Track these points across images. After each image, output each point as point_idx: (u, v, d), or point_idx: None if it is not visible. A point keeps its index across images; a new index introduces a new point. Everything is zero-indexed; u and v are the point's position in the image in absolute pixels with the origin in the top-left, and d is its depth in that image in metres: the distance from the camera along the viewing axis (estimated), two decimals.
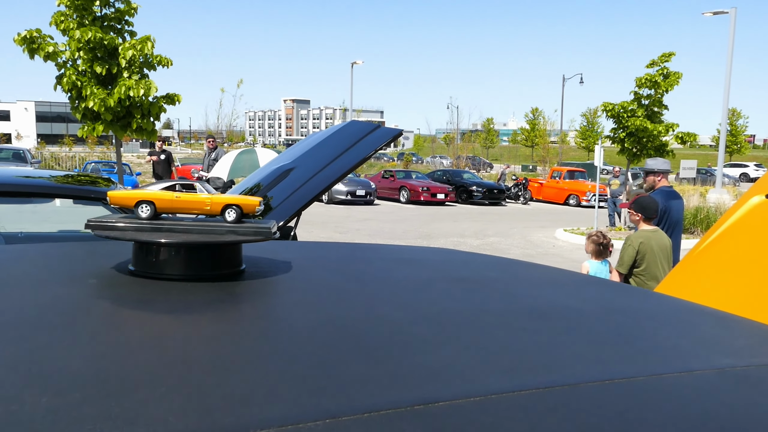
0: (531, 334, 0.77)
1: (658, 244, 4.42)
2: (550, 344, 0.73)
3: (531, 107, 73.46)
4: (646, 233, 4.47)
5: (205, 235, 0.95)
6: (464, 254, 1.46)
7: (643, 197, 4.64)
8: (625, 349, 0.74)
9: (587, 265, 4.95)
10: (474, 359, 0.65)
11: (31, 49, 8.26)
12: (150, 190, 1.03)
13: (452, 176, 25.59)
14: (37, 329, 0.68)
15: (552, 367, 0.65)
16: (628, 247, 4.44)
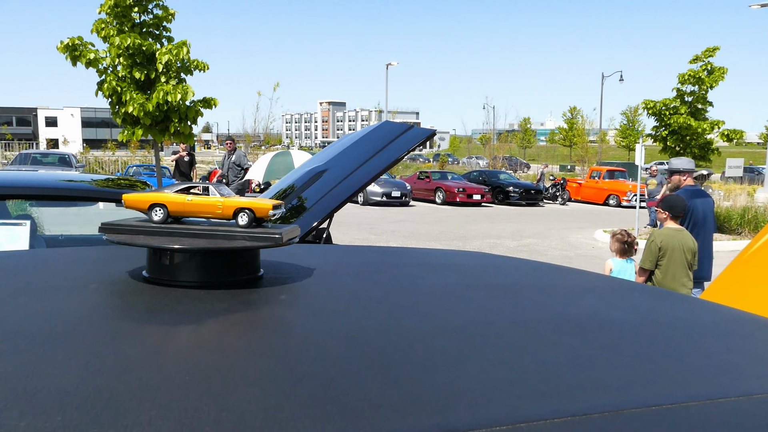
0: (567, 350, 0.69)
1: (681, 244, 4.40)
2: (588, 362, 0.65)
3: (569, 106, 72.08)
4: (671, 231, 4.46)
5: (213, 240, 0.91)
6: (496, 258, 1.39)
7: (671, 195, 4.65)
8: (674, 367, 0.66)
9: (610, 262, 4.94)
10: (502, 379, 0.59)
11: (73, 57, 8.48)
12: (162, 193, 0.99)
13: (488, 177, 25.31)
14: (32, 340, 0.64)
15: (590, 389, 0.58)
16: (651, 243, 4.43)
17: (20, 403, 0.49)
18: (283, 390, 0.54)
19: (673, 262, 4.39)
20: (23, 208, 6.54)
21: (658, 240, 4.41)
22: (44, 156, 19.96)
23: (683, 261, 4.40)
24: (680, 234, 4.47)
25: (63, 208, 5.80)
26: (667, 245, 4.39)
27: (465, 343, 0.70)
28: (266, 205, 0.93)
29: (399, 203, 21.65)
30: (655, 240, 4.43)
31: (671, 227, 4.50)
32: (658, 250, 4.40)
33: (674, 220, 4.52)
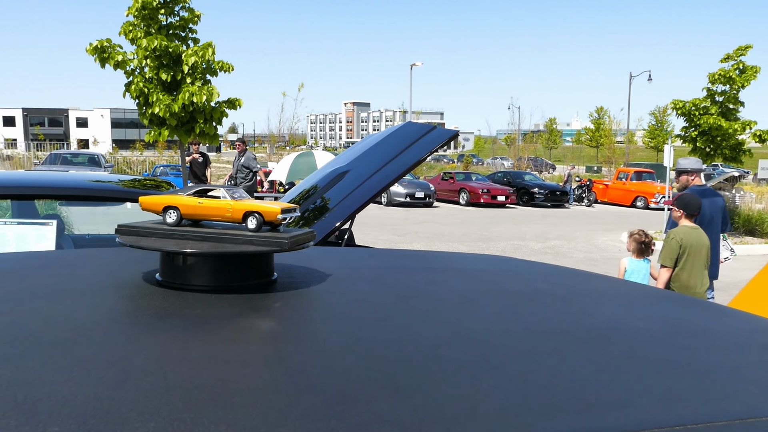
0: (584, 362, 0.66)
1: (698, 242, 4.44)
2: (607, 375, 0.62)
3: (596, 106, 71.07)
4: (688, 229, 4.48)
5: (216, 244, 0.89)
6: (516, 263, 1.35)
7: (685, 194, 4.65)
8: (700, 383, 0.62)
9: (625, 261, 4.97)
10: (514, 393, 0.56)
11: (102, 59, 8.62)
12: (176, 195, 0.98)
13: (513, 178, 25.09)
14: (39, 346, 0.63)
15: (608, 405, 0.55)
16: (671, 241, 4.43)
17: (19, 412, 0.48)
18: (286, 402, 0.52)
19: (693, 259, 4.41)
20: (52, 207, 6.68)
21: (678, 238, 4.41)
22: (74, 156, 20.36)
23: (702, 258, 4.43)
24: (696, 232, 4.49)
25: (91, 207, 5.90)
26: (687, 243, 4.40)
27: (477, 353, 0.67)
28: (275, 209, 0.91)
29: (423, 204, 21.58)
30: (675, 238, 4.42)
31: (687, 225, 4.52)
32: (678, 248, 4.41)
33: (689, 219, 4.54)
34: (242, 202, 0.93)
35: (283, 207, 0.92)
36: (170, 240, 0.91)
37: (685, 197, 4.57)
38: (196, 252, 0.86)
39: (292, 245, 0.88)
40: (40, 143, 49.10)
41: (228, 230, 0.92)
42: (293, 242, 0.88)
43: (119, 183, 3.68)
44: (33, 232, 3.21)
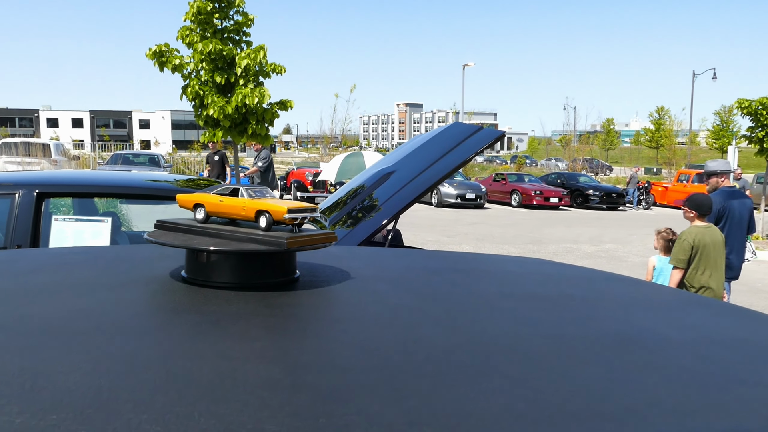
0: (601, 370, 0.63)
1: (712, 240, 4.50)
2: (619, 384, 0.60)
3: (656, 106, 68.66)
4: (700, 229, 4.54)
5: (225, 241, 0.91)
6: (551, 265, 1.32)
7: (697, 195, 4.71)
8: (728, 397, 0.59)
9: (654, 259, 5.13)
10: (518, 400, 0.54)
11: (160, 62, 8.92)
12: (203, 193, 1.01)
13: (567, 179, 24.56)
14: (55, 337, 0.66)
15: (621, 416, 0.52)
16: (683, 242, 4.51)
17: (22, 400, 0.50)
18: (279, 399, 0.52)
19: (706, 258, 4.47)
20: (112, 205, 6.95)
21: (690, 238, 4.47)
22: (135, 156, 21.16)
23: (716, 256, 4.49)
24: (710, 230, 4.55)
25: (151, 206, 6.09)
26: (699, 242, 4.46)
27: (487, 357, 0.65)
28: (282, 208, 0.92)
29: (473, 205, 21.39)
30: (687, 238, 4.48)
31: (700, 225, 4.58)
32: (691, 248, 4.46)
33: (701, 219, 4.60)
34: (256, 201, 0.94)
35: (291, 207, 0.92)
36: (186, 236, 0.94)
37: (697, 198, 4.64)
38: (200, 248, 0.88)
39: (291, 245, 0.88)
40: (105, 144, 51.35)
41: (242, 229, 0.94)
42: (292, 242, 0.88)
43: (175, 183, 3.81)
44: (89, 229, 3.35)
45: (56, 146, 20.17)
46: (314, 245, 0.93)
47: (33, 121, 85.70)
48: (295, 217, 0.93)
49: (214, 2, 9.00)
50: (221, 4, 9.11)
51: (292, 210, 0.92)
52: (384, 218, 3.86)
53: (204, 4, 8.89)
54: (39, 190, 3.24)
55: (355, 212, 4.23)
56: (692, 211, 4.60)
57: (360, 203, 4.34)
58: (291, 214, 0.92)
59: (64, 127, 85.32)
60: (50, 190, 3.30)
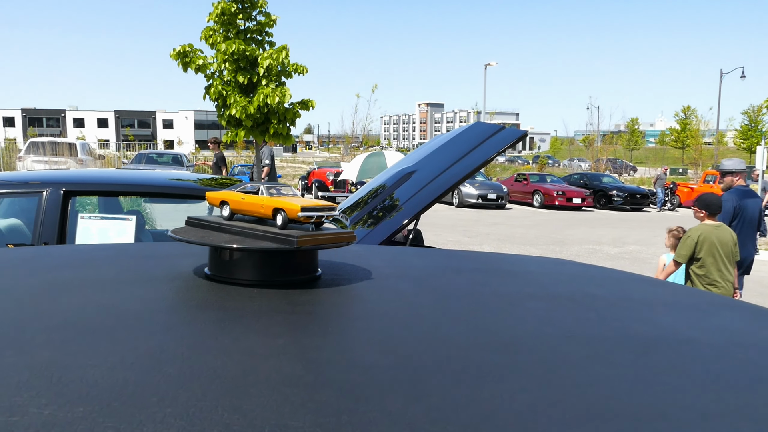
0: (623, 370, 0.63)
1: (718, 239, 4.58)
2: (645, 385, 0.59)
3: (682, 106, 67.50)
4: (707, 227, 4.64)
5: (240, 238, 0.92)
6: (573, 266, 1.30)
7: (706, 194, 4.81)
8: (754, 400, 0.58)
9: (664, 257, 5.30)
10: (539, 400, 0.54)
11: (184, 63, 9.04)
12: (228, 191, 1.03)
13: (590, 180, 24.29)
14: (82, 332, 0.67)
15: (643, 417, 0.51)
16: (687, 238, 4.65)
17: (50, 393, 0.51)
18: (301, 396, 0.52)
19: (711, 255, 4.59)
20: (137, 203, 7.04)
21: (694, 235, 4.62)
22: (159, 156, 21.45)
23: (722, 254, 4.58)
24: (718, 229, 4.63)
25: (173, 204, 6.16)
26: (704, 240, 4.58)
27: (508, 357, 0.65)
28: (296, 206, 0.92)
29: (495, 206, 21.28)
30: (692, 235, 4.63)
31: (709, 224, 4.68)
32: (694, 245, 4.60)
33: (711, 218, 4.72)
34: (273, 199, 0.95)
35: (305, 205, 0.92)
36: (207, 233, 0.95)
37: (706, 198, 4.76)
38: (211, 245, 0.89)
39: (302, 244, 0.87)
40: (130, 143, 52.13)
41: (261, 226, 0.94)
42: (303, 241, 0.87)
43: (198, 182, 3.85)
44: (114, 227, 3.41)
45: (82, 146, 20.52)
46: (329, 244, 0.92)
47: (60, 121, 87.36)
48: (310, 216, 0.92)
49: (237, 3, 9.07)
50: (245, 4, 9.19)
51: (306, 208, 0.92)
52: (405, 218, 3.86)
53: (228, 5, 8.98)
54: (66, 188, 3.30)
55: (376, 212, 4.23)
56: (701, 210, 4.72)
57: (381, 203, 4.35)
58: (305, 212, 0.92)
59: (90, 127, 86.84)
60: (76, 189, 3.36)
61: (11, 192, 3.27)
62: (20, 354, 0.60)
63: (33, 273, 0.97)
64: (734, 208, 5.29)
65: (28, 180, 3.38)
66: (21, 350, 0.61)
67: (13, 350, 0.61)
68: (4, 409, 0.48)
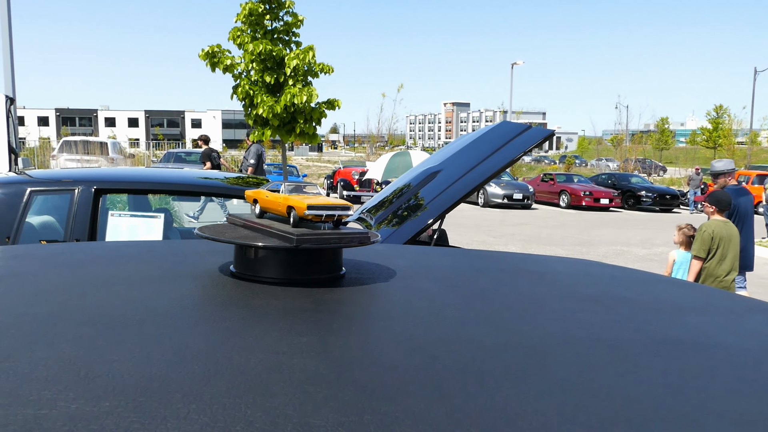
0: (652, 374, 0.61)
1: (728, 234, 4.88)
2: (674, 390, 0.57)
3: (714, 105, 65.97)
4: (719, 223, 4.90)
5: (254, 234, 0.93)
6: (600, 267, 1.28)
7: (716, 191, 5.11)
8: None
9: (674, 254, 5.46)
10: (565, 403, 0.53)
11: (212, 63, 9.14)
12: (260, 190, 1.05)
13: (618, 180, 23.93)
14: (110, 327, 0.68)
15: (672, 421, 0.50)
16: (704, 233, 4.87)
17: (78, 387, 0.52)
18: (324, 395, 0.52)
19: (724, 250, 4.83)
20: (166, 201, 7.10)
21: (710, 230, 4.84)
22: (187, 155, 21.74)
23: (732, 250, 4.85)
24: (728, 225, 4.92)
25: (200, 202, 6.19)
26: (719, 235, 4.82)
27: (534, 359, 0.64)
28: (302, 204, 0.92)
29: (521, 206, 21.10)
30: (707, 230, 4.85)
31: (719, 219, 4.94)
32: (710, 240, 4.82)
33: (720, 213, 4.97)
34: (287, 197, 0.96)
35: (311, 203, 0.91)
36: (232, 230, 0.96)
37: (717, 194, 5.03)
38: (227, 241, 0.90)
39: (300, 242, 0.86)
40: (159, 143, 53.01)
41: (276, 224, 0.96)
42: (302, 239, 0.87)
43: (225, 180, 3.89)
44: (143, 224, 3.46)
45: (113, 145, 20.93)
46: (335, 244, 0.91)
47: (92, 120, 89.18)
48: (319, 214, 0.92)
49: (265, 3, 9.15)
50: (272, 5, 9.26)
51: (313, 206, 0.91)
52: (429, 218, 3.85)
53: (255, 6, 9.06)
54: (97, 186, 3.36)
55: (401, 211, 4.23)
56: (712, 206, 4.99)
57: (406, 202, 4.34)
58: (311, 210, 0.91)
59: (120, 126, 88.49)
60: (107, 187, 3.42)
61: (45, 190, 3.35)
62: (50, 349, 0.61)
63: (64, 269, 0.99)
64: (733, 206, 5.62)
65: (61, 178, 3.46)
66: (51, 345, 0.62)
67: (43, 345, 0.62)
68: (33, 402, 0.49)
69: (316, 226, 0.94)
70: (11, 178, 3.45)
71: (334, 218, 0.94)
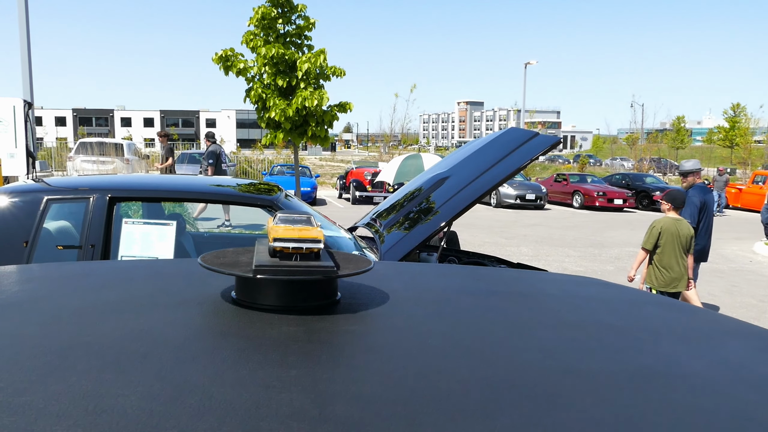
0: (615, 407, 0.66)
1: (678, 230, 5.42)
2: (629, 424, 0.62)
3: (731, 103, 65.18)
4: (670, 219, 5.46)
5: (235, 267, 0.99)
6: (594, 287, 1.33)
7: (672, 190, 5.66)
8: None
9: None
10: None
11: (225, 67, 9.25)
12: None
13: (632, 180, 23.78)
14: (116, 358, 0.74)
15: None
16: (653, 229, 5.49)
17: (86, 422, 0.58)
18: (306, 430, 0.58)
19: (670, 244, 5.43)
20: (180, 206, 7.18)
21: (658, 226, 5.46)
22: (201, 155, 21.96)
23: (680, 244, 5.42)
24: (679, 222, 5.46)
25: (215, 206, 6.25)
26: (666, 230, 5.41)
27: (503, 393, 0.69)
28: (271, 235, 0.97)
29: (533, 206, 21.06)
30: (656, 226, 5.47)
31: (671, 216, 5.50)
32: (658, 235, 5.44)
33: (675, 211, 5.52)
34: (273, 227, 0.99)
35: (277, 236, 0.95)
36: (232, 257, 1.02)
37: (673, 193, 5.58)
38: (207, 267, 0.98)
39: (256, 273, 0.91)
40: (174, 143, 53.48)
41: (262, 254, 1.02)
42: (258, 270, 0.92)
43: (237, 188, 3.96)
44: (156, 232, 3.55)
45: (128, 146, 21.17)
46: (291, 276, 0.93)
47: (108, 120, 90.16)
48: (286, 246, 0.95)
49: (277, 7, 9.24)
50: (284, 9, 9.35)
51: (278, 239, 0.95)
52: (437, 224, 3.90)
53: (268, 10, 9.15)
54: (111, 194, 3.45)
55: (412, 215, 4.28)
56: (668, 203, 5.53)
57: (415, 207, 4.40)
58: (277, 242, 0.95)
59: (136, 126, 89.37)
60: (121, 195, 3.51)
61: (62, 198, 3.45)
62: (62, 382, 0.67)
63: (77, 295, 1.06)
64: (701, 202, 6.25)
65: (77, 186, 3.56)
66: (63, 378, 0.68)
67: (55, 378, 0.68)
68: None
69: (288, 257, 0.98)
70: (29, 187, 3.55)
71: (302, 250, 0.97)
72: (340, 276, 0.96)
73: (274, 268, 0.93)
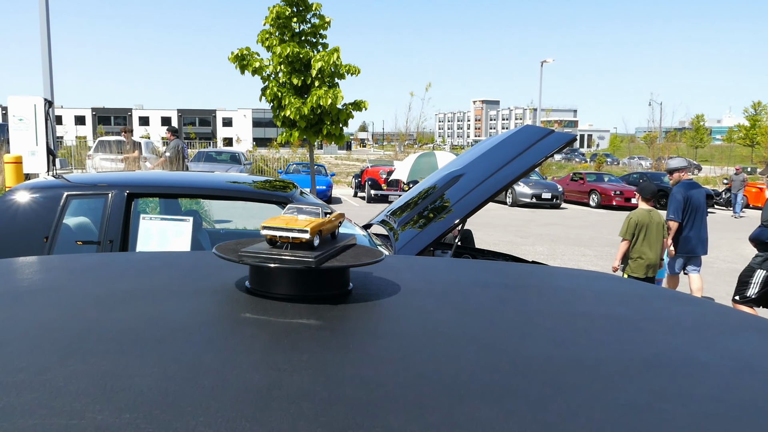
0: (624, 396, 0.67)
1: (650, 221, 5.85)
2: (638, 412, 0.63)
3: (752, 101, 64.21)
4: (643, 211, 5.91)
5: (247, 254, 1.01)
6: (605, 281, 1.33)
7: (643, 183, 6.14)
8: (745, 428, 0.61)
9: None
10: (536, 423, 0.59)
11: (241, 66, 9.32)
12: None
13: (650, 179, 23.54)
14: (133, 342, 0.76)
15: None
16: (629, 220, 5.91)
17: (103, 400, 0.60)
18: (315, 411, 0.59)
19: (646, 234, 5.83)
20: (196, 202, 7.24)
21: (634, 218, 5.88)
22: (218, 154, 22.14)
23: (656, 233, 5.84)
24: (651, 213, 5.89)
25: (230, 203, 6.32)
26: (642, 222, 5.83)
27: (511, 380, 0.70)
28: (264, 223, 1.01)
29: (549, 205, 20.94)
30: (632, 218, 5.89)
31: (644, 208, 5.92)
32: (635, 226, 5.84)
33: (646, 202, 5.96)
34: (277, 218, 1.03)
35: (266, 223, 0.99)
36: (245, 246, 1.05)
37: (642, 185, 6.03)
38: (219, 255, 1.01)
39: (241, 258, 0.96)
40: (191, 141, 53.99)
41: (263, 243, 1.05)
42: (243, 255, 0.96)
43: (252, 185, 4.00)
44: (172, 227, 3.59)
45: (146, 144, 21.40)
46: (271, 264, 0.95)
47: (126, 119, 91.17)
48: (273, 235, 0.99)
49: (292, 6, 9.29)
50: (299, 8, 9.40)
51: (266, 227, 0.99)
52: (451, 221, 3.90)
53: (283, 9, 9.20)
54: (129, 191, 3.51)
55: (426, 213, 4.29)
56: (637, 194, 6.05)
57: (429, 204, 4.40)
58: (265, 230, 0.99)
59: (154, 125, 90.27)
60: (139, 191, 3.56)
61: (81, 194, 3.51)
62: (81, 363, 0.69)
63: (97, 283, 1.08)
64: (684, 198, 6.57)
65: (96, 182, 3.61)
66: (82, 359, 0.70)
67: (75, 359, 0.70)
68: (66, 413, 0.57)
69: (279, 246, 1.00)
70: (49, 183, 3.62)
71: (288, 240, 0.99)
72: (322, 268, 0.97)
73: (256, 255, 0.97)
